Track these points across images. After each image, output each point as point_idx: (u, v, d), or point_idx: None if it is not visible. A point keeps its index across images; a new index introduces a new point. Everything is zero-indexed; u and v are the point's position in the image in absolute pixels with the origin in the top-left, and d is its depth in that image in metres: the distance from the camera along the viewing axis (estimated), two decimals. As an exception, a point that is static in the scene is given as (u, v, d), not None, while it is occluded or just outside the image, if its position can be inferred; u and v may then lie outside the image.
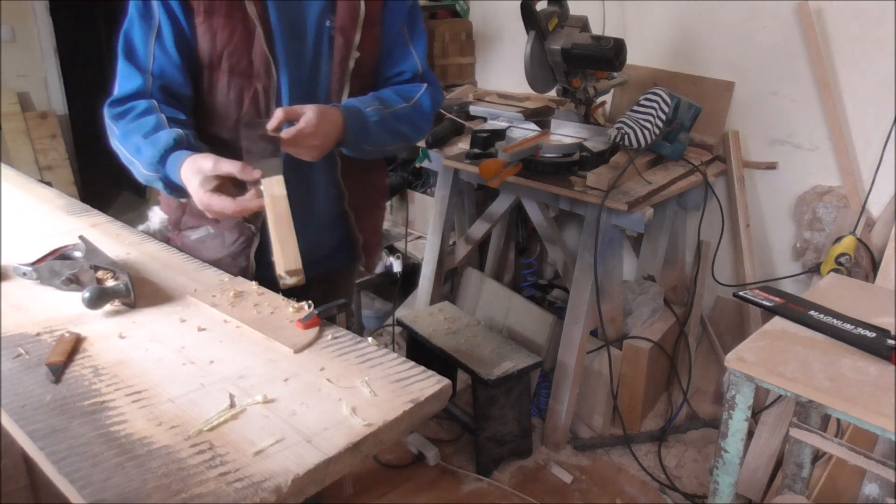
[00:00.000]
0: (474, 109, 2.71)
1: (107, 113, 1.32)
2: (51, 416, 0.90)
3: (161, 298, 1.24)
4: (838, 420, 1.97)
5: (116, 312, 1.18)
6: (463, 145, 2.60)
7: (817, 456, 1.87)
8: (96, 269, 1.25)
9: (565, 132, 2.46)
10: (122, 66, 1.32)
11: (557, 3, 2.43)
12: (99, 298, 1.16)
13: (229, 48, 1.31)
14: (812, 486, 1.93)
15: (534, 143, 2.30)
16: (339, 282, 1.68)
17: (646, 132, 2.21)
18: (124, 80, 1.32)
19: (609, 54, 2.26)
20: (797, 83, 2.41)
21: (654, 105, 2.26)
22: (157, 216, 1.55)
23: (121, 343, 1.09)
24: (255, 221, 1.43)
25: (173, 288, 1.27)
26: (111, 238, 1.48)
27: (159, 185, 1.28)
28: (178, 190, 1.25)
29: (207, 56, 1.32)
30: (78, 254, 1.31)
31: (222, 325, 1.16)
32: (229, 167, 1.15)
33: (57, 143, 4.01)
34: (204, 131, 1.37)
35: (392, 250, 3.02)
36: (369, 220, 1.60)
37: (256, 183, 1.16)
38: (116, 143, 1.31)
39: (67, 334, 1.09)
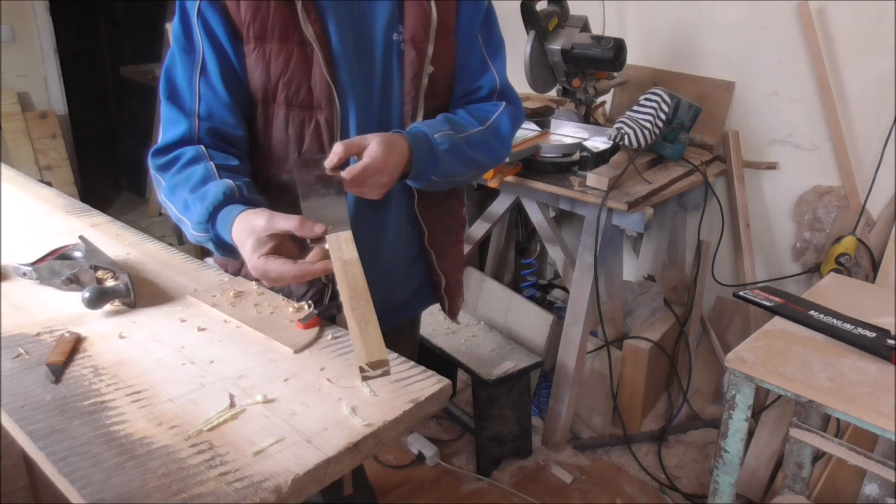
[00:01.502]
0: (474, 109, 2.70)
1: (151, 164, 1.18)
2: (51, 416, 0.90)
3: (161, 298, 1.24)
4: (838, 420, 1.97)
5: (116, 312, 1.18)
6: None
7: (817, 456, 1.87)
8: (96, 269, 1.25)
9: (565, 132, 2.46)
10: (164, 109, 1.18)
11: (557, 3, 2.43)
12: (99, 298, 1.16)
13: (285, 77, 1.15)
14: (812, 486, 1.93)
15: (534, 143, 2.30)
16: (402, 333, 1.48)
17: (646, 132, 2.21)
18: (168, 125, 1.18)
19: (609, 54, 2.27)
20: (797, 83, 2.41)
21: (654, 105, 2.26)
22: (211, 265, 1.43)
23: (121, 343, 1.09)
24: (326, 274, 1.23)
25: (173, 288, 1.27)
26: (111, 238, 1.48)
27: (211, 247, 1.14)
28: (229, 250, 1.11)
29: (261, 88, 1.17)
30: (78, 254, 1.31)
31: (222, 325, 1.16)
32: (286, 224, 0.99)
33: (57, 143, 4.01)
34: (262, 175, 1.24)
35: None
36: (450, 259, 1.41)
37: (320, 240, 1.00)
38: (164, 198, 1.18)
39: (67, 334, 1.09)
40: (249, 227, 1.02)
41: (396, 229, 1.30)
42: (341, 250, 0.99)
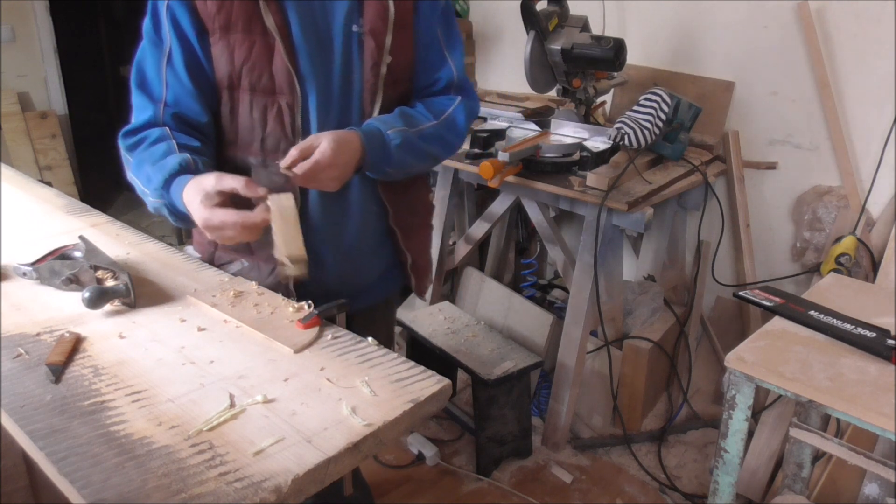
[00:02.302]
0: (474, 109, 2.70)
1: (121, 144, 1.27)
2: (51, 416, 0.90)
3: (161, 298, 1.24)
4: (838, 420, 1.97)
5: (116, 312, 1.18)
6: (463, 145, 2.60)
7: (817, 456, 1.87)
8: (96, 269, 1.25)
9: (565, 132, 2.46)
10: (135, 97, 1.27)
11: (557, 3, 2.43)
12: (99, 298, 1.16)
13: (248, 64, 1.23)
14: (812, 486, 1.93)
15: (534, 143, 2.30)
16: (377, 314, 1.55)
17: (646, 132, 2.21)
18: (137, 111, 1.27)
19: (609, 54, 2.27)
20: (797, 83, 2.41)
21: (654, 105, 2.26)
22: (192, 254, 1.45)
23: (121, 343, 1.09)
24: None
25: (173, 288, 1.27)
26: (111, 238, 1.48)
27: (165, 213, 1.22)
28: (181, 217, 1.20)
29: (226, 75, 1.25)
30: (78, 254, 1.31)
31: (222, 325, 1.16)
32: (232, 182, 1.10)
33: (57, 143, 4.01)
34: (228, 158, 1.32)
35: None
36: (417, 239, 1.49)
37: (263, 200, 1.10)
38: (131, 176, 1.27)
39: (67, 334, 1.09)
40: (199, 185, 1.12)
41: (361, 208, 1.37)
42: (280, 201, 1.10)
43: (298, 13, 1.24)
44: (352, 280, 1.41)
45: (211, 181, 1.11)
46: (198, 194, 1.11)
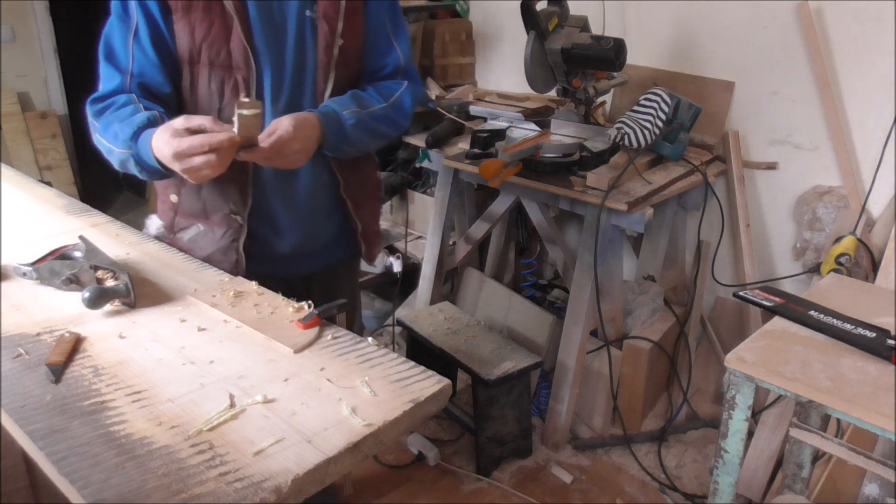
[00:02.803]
0: (474, 109, 2.71)
1: (89, 110, 1.36)
2: (51, 416, 0.90)
3: (161, 298, 1.24)
4: (838, 420, 1.97)
5: (116, 312, 1.18)
6: (463, 145, 2.60)
7: (817, 456, 1.87)
8: (96, 269, 1.25)
9: (565, 132, 2.46)
10: (102, 67, 1.37)
11: (557, 3, 2.43)
12: (99, 298, 1.16)
13: (207, 41, 1.34)
14: (812, 486, 1.93)
15: (534, 143, 2.30)
16: (340, 278, 1.68)
17: (646, 132, 2.21)
18: (105, 80, 1.37)
19: (609, 54, 2.26)
20: (797, 83, 2.41)
21: (654, 105, 2.26)
22: (153, 223, 1.57)
23: (121, 343, 1.09)
24: (242, 212, 1.44)
25: (173, 288, 1.27)
26: (111, 238, 1.48)
27: (131, 165, 1.31)
28: (148, 168, 1.29)
29: (187, 51, 1.36)
30: (78, 254, 1.31)
31: (222, 325, 1.16)
32: (200, 119, 1.20)
33: (57, 143, 4.01)
34: None
35: (392, 250, 3.02)
36: (366, 209, 1.61)
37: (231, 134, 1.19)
38: (98, 138, 1.36)
39: (67, 334, 1.09)
40: (167, 125, 1.22)
41: (312, 177, 1.48)
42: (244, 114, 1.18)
43: None
44: (303, 243, 1.53)
45: (179, 120, 1.21)
46: (166, 131, 1.20)
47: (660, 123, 2.25)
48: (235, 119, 1.18)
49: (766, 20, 2.43)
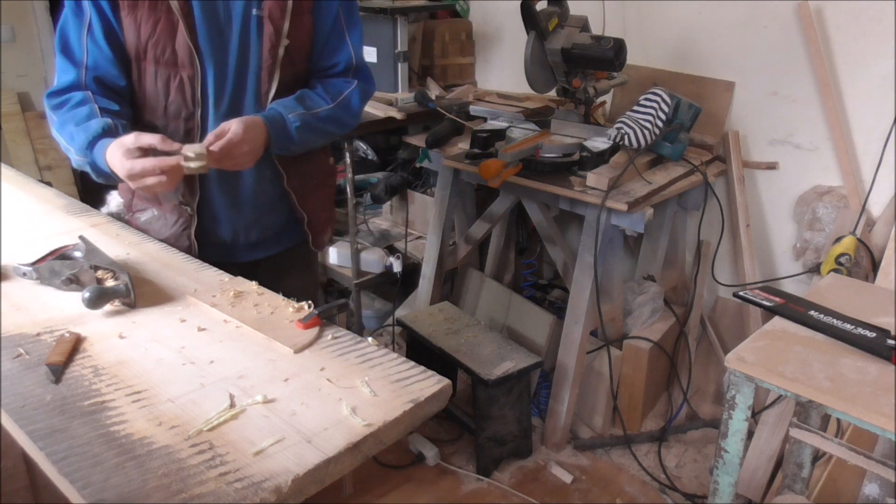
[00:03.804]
0: (474, 109, 2.71)
1: (46, 104, 1.40)
2: (51, 416, 0.90)
3: (161, 298, 1.24)
4: (838, 420, 1.97)
5: (116, 312, 1.18)
6: (463, 145, 2.60)
7: (817, 456, 1.87)
8: (96, 269, 1.25)
9: (565, 132, 2.46)
10: (59, 60, 1.41)
11: (557, 3, 2.43)
12: (99, 298, 1.16)
13: (153, 39, 1.38)
14: (812, 486, 1.93)
15: (534, 143, 2.30)
16: (290, 264, 1.71)
17: (646, 132, 2.21)
18: (61, 73, 1.41)
19: (609, 54, 2.26)
20: (797, 83, 2.41)
21: (654, 105, 2.26)
22: (114, 200, 1.66)
23: (121, 343, 1.09)
24: (191, 203, 1.50)
25: (173, 288, 1.27)
26: (111, 238, 1.48)
27: (88, 170, 1.36)
28: (104, 175, 1.35)
29: (134, 47, 1.40)
30: (78, 254, 1.31)
31: (222, 325, 1.16)
32: (150, 139, 1.25)
33: (57, 144, 4.00)
34: (138, 119, 1.47)
35: (392, 250, 3.02)
36: (314, 200, 1.64)
37: (178, 151, 1.25)
38: (55, 132, 1.41)
39: (67, 334, 1.09)
40: (119, 143, 1.27)
41: (256, 172, 1.51)
42: (193, 148, 1.27)
43: None
44: (248, 233, 1.59)
45: (130, 138, 1.26)
46: (119, 149, 1.26)
47: (660, 123, 2.25)
48: (184, 150, 1.25)
49: (766, 20, 2.43)
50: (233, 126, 1.33)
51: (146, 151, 1.26)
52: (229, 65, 1.43)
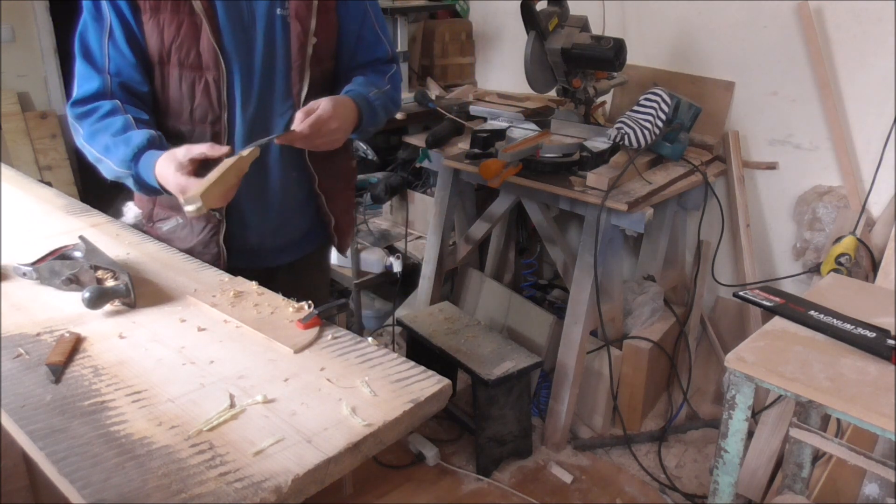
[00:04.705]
0: (474, 109, 2.71)
1: (70, 113, 1.36)
2: (51, 416, 0.90)
3: (161, 298, 1.24)
4: (838, 420, 1.97)
5: (116, 312, 1.18)
6: (463, 145, 2.60)
7: (817, 456, 1.87)
8: (96, 269, 1.25)
9: (565, 132, 2.46)
10: (80, 66, 1.37)
11: (557, 3, 2.43)
12: (99, 298, 1.16)
13: (177, 42, 1.35)
14: (812, 486, 1.93)
15: (534, 143, 2.30)
16: (310, 269, 1.69)
17: (646, 132, 2.21)
18: (83, 80, 1.37)
19: (609, 54, 2.26)
20: (797, 83, 2.41)
21: (654, 105, 2.26)
22: (131, 211, 1.63)
23: (121, 343, 1.09)
24: (220, 209, 1.45)
25: (173, 288, 1.27)
26: (111, 238, 1.48)
27: (129, 182, 1.34)
28: (146, 187, 1.32)
29: (157, 52, 1.37)
30: (78, 254, 1.31)
31: (222, 325, 1.16)
32: (200, 148, 1.23)
33: (57, 143, 4.01)
34: (161, 126, 1.42)
35: (392, 250, 3.02)
36: (340, 202, 1.62)
37: (230, 155, 1.23)
38: (83, 143, 1.37)
39: (67, 334, 1.09)
40: (171, 157, 1.24)
41: (282, 175, 1.49)
42: (242, 152, 1.23)
43: None
44: (274, 237, 1.56)
45: (182, 150, 1.24)
46: (171, 163, 1.23)
47: (660, 123, 2.25)
48: (232, 158, 1.22)
49: (766, 20, 2.43)
50: (322, 103, 1.31)
51: (199, 163, 1.23)
52: (255, 65, 1.40)
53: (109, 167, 1.33)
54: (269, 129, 1.43)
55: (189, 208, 1.16)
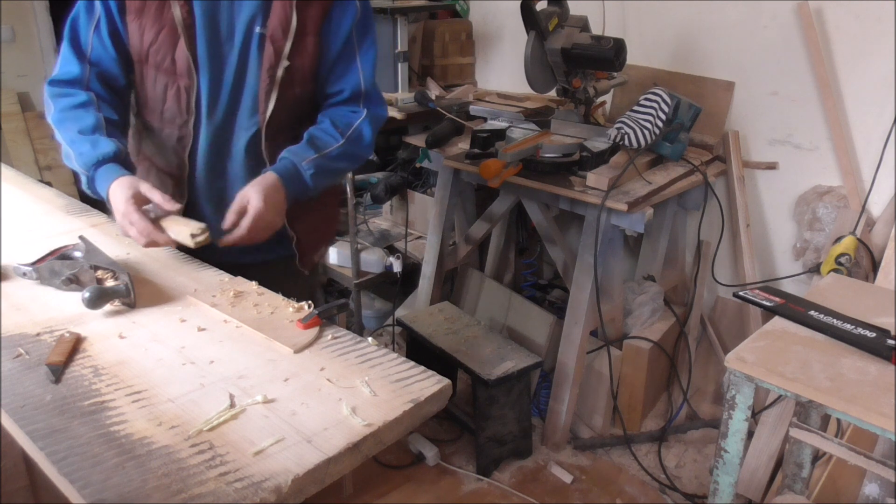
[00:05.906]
0: (474, 109, 2.71)
1: (47, 90, 1.43)
2: (51, 416, 0.90)
3: (161, 298, 1.24)
4: (838, 420, 1.97)
5: (116, 312, 1.18)
6: (463, 145, 2.60)
7: (817, 456, 1.87)
8: (96, 269, 1.25)
9: (565, 132, 2.46)
10: (65, 49, 1.44)
11: (557, 3, 2.43)
12: (99, 298, 1.16)
13: (154, 46, 1.41)
14: (812, 486, 1.93)
15: (534, 143, 2.30)
16: (279, 273, 1.63)
17: (646, 132, 2.21)
18: (65, 62, 1.44)
19: (609, 54, 2.26)
20: (797, 83, 2.41)
21: (654, 105, 2.26)
22: None
23: (121, 343, 1.09)
24: (180, 203, 1.45)
25: (173, 288, 1.27)
26: (111, 238, 1.48)
27: (84, 181, 1.38)
28: (97, 194, 1.37)
29: (137, 51, 1.43)
30: (78, 254, 1.31)
31: (222, 325, 1.16)
32: (157, 196, 1.28)
33: (57, 144, 4.00)
34: (139, 116, 1.52)
35: (392, 250, 3.02)
36: (308, 220, 1.59)
37: (174, 214, 1.29)
38: (51, 120, 1.42)
39: (67, 334, 1.09)
40: (133, 184, 1.29)
41: (244, 182, 1.44)
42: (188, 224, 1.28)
43: (204, 10, 1.40)
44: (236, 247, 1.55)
45: (147, 185, 1.29)
46: (129, 189, 1.28)
47: (660, 123, 2.25)
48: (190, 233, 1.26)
49: (766, 20, 2.43)
50: (251, 200, 1.32)
51: (147, 200, 1.29)
52: (225, 80, 1.43)
53: (69, 157, 1.38)
54: (233, 142, 1.47)
55: (199, 238, 1.26)
